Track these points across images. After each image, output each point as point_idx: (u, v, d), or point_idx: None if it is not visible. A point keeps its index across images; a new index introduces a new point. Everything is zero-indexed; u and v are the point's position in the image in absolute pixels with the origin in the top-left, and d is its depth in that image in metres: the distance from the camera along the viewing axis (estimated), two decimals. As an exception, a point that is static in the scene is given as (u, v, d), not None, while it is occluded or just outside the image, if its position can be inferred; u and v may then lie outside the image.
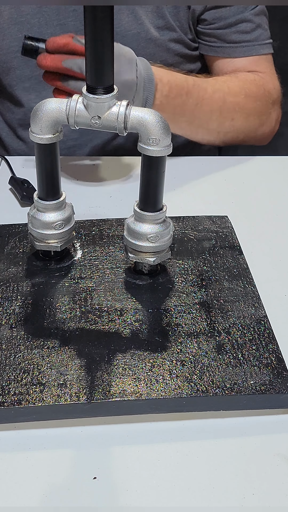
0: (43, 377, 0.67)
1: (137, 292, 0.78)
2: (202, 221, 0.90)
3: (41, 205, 0.77)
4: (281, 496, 0.60)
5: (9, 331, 0.72)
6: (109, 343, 0.71)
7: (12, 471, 0.61)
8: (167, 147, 0.71)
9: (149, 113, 0.69)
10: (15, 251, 0.83)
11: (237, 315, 0.75)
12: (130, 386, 0.66)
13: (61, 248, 0.80)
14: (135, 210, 0.76)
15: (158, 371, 0.68)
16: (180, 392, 0.66)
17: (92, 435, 0.65)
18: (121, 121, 0.69)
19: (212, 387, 0.67)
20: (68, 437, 0.65)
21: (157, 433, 0.65)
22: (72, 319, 0.74)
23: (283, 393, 0.66)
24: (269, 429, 0.66)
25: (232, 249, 0.85)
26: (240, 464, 0.63)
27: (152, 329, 0.73)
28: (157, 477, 0.61)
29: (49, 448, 0.64)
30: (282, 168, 1.08)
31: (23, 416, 0.65)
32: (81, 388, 0.66)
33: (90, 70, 0.67)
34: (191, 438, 0.65)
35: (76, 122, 0.70)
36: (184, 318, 0.74)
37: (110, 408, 0.66)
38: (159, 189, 0.74)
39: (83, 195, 0.97)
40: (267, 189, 1.02)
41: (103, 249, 0.84)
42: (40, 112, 0.71)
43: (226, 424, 0.66)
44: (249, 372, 0.68)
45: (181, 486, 0.60)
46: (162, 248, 0.77)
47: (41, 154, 0.74)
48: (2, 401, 0.64)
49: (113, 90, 0.68)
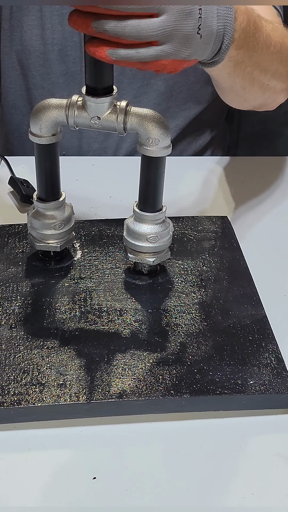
0: (42, 377, 0.67)
1: (137, 292, 0.78)
2: (202, 221, 0.90)
3: (41, 206, 0.77)
4: (281, 496, 0.60)
5: (9, 331, 0.72)
6: (109, 343, 0.71)
7: (12, 471, 0.61)
8: (167, 147, 0.71)
9: (149, 113, 0.69)
10: (14, 251, 0.83)
11: (236, 315, 0.75)
12: (130, 386, 0.66)
13: (61, 248, 0.80)
14: (135, 210, 0.76)
15: (158, 371, 0.68)
16: (180, 392, 0.66)
17: (92, 435, 0.65)
18: (120, 121, 0.69)
19: (211, 387, 0.67)
20: (68, 437, 0.65)
21: (157, 433, 0.65)
22: (72, 319, 0.74)
23: (282, 393, 0.66)
24: (269, 429, 0.66)
25: (231, 250, 0.85)
26: (240, 464, 0.63)
27: (151, 329, 0.73)
28: (157, 477, 0.61)
29: (49, 448, 0.64)
30: (282, 168, 1.08)
31: (23, 416, 0.65)
32: (80, 388, 0.66)
33: (90, 71, 0.67)
34: (191, 438, 0.65)
35: (75, 123, 0.70)
36: (184, 318, 0.74)
37: (109, 408, 0.66)
38: (158, 190, 0.74)
39: (83, 195, 0.97)
40: (267, 189, 1.02)
41: (103, 249, 0.84)
42: (39, 112, 0.71)
43: (226, 424, 0.66)
44: (249, 372, 0.68)
45: (181, 486, 0.60)
46: (161, 249, 0.77)
47: (41, 154, 0.74)
48: (1, 401, 0.64)
49: (112, 91, 0.68)
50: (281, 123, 1.16)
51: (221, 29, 0.64)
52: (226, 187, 1.02)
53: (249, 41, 0.71)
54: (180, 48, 0.61)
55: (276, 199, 1.00)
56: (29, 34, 1.04)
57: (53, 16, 1.02)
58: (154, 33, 0.59)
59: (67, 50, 1.04)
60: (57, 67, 1.05)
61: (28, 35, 1.04)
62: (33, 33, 1.04)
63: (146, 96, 1.07)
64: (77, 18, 0.59)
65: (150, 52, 0.60)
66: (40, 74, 1.07)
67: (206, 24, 0.62)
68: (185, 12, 0.59)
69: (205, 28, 0.62)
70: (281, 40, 0.80)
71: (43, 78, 1.07)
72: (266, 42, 0.76)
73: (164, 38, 0.60)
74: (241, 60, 0.72)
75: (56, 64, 1.05)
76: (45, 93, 1.07)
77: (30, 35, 1.04)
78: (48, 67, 1.05)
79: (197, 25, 0.61)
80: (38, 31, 1.03)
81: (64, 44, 1.03)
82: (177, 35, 0.60)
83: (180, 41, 0.60)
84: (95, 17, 0.58)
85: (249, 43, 0.71)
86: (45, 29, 1.03)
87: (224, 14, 0.64)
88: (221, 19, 0.64)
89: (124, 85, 1.05)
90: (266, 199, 1.00)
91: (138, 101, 1.06)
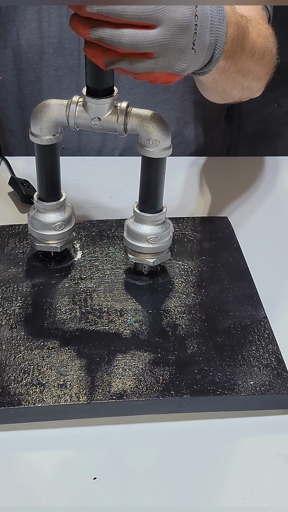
0: (43, 378, 0.67)
1: (137, 293, 0.78)
2: (202, 222, 0.90)
3: (42, 206, 0.77)
4: (281, 496, 0.60)
5: (9, 331, 0.72)
6: (109, 344, 0.71)
7: (12, 471, 0.62)
8: (167, 148, 0.71)
9: (149, 114, 0.69)
10: (15, 251, 0.83)
11: (236, 316, 0.75)
12: (130, 386, 0.66)
13: (61, 249, 0.80)
14: (135, 211, 0.76)
15: (158, 371, 0.68)
16: (180, 393, 0.66)
17: (92, 435, 0.65)
18: (121, 122, 0.69)
19: (212, 387, 0.67)
20: (68, 437, 0.65)
21: (157, 433, 0.66)
22: (72, 320, 0.74)
23: (282, 393, 0.67)
24: (269, 429, 0.66)
25: (232, 250, 0.85)
26: (240, 464, 0.63)
27: (152, 329, 0.73)
28: (157, 477, 0.61)
29: (49, 448, 0.64)
30: (282, 168, 1.08)
31: (23, 417, 0.65)
32: (81, 389, 0.66)
33: (90, 72, 0.67)
34: (191, 438, 0.65)
35: (76, 124, 0.70)
36: (184, 319, 0.74)
37: (110, 409, 0.66)
38: (159, 191, 0.74)
39: (83, 196, 0.97)
40: (267, 189, 1.02)
41: (103, 250, 0.84)
42: (40, 113, 0.71)
43: (226, 424, 0.67)
44: (249, 373, 0.68)
45: (181, 486, 0.61)
46: (162, 249, 0.77)
47: (41, 155, 0.75)
48: (2, 401, 0.64)
49: (113, 92, 0.68)
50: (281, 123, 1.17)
51: (213, 43, 0.65)
52: (226, 187, 1.02)
53: (236, 51, 0.72)
54: (174, 62, 0.62)
55: (276, 199, 1.00)
56: (27, 28, 1.03)
57: (51, 9, 1.02)
58: (150, 45, 0.59)
59: (65, 43, 1.04)
60: (54, 60, 1.05)
61: (26, 29, 1.04)
62: (30, 27, 1.03)
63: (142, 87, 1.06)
64: (77, 22, 0.60)
65: (143, 65, 0.61)
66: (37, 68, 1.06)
67: (200, 39, 0.62)
68: (182, 27, 0.60)
69: (199, 43, 0.62)
70: (264, 44, 0.81)
71: (42, 72, 1.06)
72: (252, 50, 0.77)
73: (159, 50, 0.60)
74: (227, 68, 0.73)
75: (53, 57, 1.05)
76: (44, 86, 1.07)
77: (28, 29, 1.04)
78: (46, 60, 1.05)
79: (192, 40, 0.61)
80: (35, 25, 1.03)
81: (62, 37, 1.03)
82: (172, 49, 0.60)
83: (174, 54, 0.61)
84: (93, 24, 0.59)
85: (236, 53, 0.72)
86: (43, 22, 1.03)
87: (217, 29, 0.65)
88: (214, 33, 0.64)
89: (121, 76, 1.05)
90: (266, 199, 1.00)
91: (135, 92, 1.06)
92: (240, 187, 1.02)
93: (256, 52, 0.79)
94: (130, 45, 0.59)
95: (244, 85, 0.83)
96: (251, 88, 0.85)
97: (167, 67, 0.62)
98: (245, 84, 0.83)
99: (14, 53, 1.06)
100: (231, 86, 0.80)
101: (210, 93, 0.87)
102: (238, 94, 0.85)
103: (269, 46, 0.84)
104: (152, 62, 0.61)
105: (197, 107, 1.12)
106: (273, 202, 0.99)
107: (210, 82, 0.77)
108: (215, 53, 0.66)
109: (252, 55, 0.78)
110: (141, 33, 0.58)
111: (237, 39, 0.71)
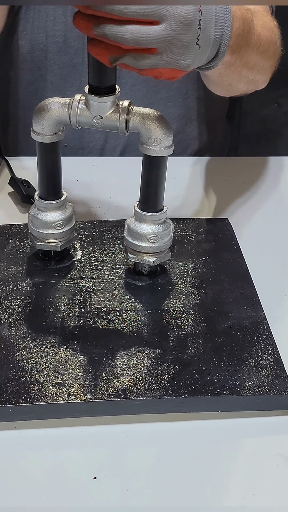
0: (41, 376, 0.67)
1: (137, 293, 0.78)
2: (203, 223, 0.90)
3: (42, 205, 0.77)
4: (281, 496, 0.60)
5: (8, 330, 0.72)
6: (108, 343, 0.71)
7: (12, 471, 0.61)
8: (168, 147, 0.71)
9: (151, 113, 0.69)
10: (15, 251, 0.83)
11: (236, 317, 0.75)
12: (128, 386, 0.66)
13: (61, 248, 0.80)
14: (136, 210, 0.76)
15: (157, 371, 0.68)
16: (178, 393, 0.66)
17: (92, 435, 0.65)
18: (122, 121, 0.69)
19: (210, 388, 0.67)
20: (68, 437, 0.65)
21: (157, 433, 0.65)
22: (71, 319, 0.74)
23: (281, 394, 0.67)
24: (269, 429, 0.66)
25: (232, 252, 0.85)
26: (240, 464, 0.63)
27: (151, 329, 0.73)
28: (157, 477, 0.61)
29: (49, 448, 0.64)
30: (282, 168, 1.08)
31: (21, 415, 0.65)
32: (79, 388, 0.66)
33: (93, 70, 0.67)
34: (191, 438, 0.65)
35: (78, 122, 0.70)
36: (183, 319, 0.74)
37: (108, 408, 0.66)
38: (159, 190, 0.74)
39: (83, 195, 0.97)
40: (267, 189, 1.02)
41: (103, 250, 0.84)
42: (42, 111, 0.71)
43: (226, 424, 0.66)
44: (248, 374, 0.68)
45: (181, 486, 0.60)
46: (162, 249, 0.77)
47: (43, 153, 0.74)
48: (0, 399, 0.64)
49: (115, 90, 0.68)
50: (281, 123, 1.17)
51: (218, 38, 0.65)
52: (226, 188, 1.02)
53: (241, 46, 0.72)
54: (178, 57, 0.62)
55: (276, 199, 1.00)
56: (32, 27, 1.04)
57: (56, 8, 1.02)
58: (153, 41, 0.59)
59: (70, 41, 1.04)
60: (59, 59, 1.05)
61: (32, 28, 1.04)
62: (34, 26, 1.03)
63: (145, 84, 1.06)
64: (80, 20, 0.60)
65: (147, 61, 0.61)
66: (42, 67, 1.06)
67: (205, 34, 0.62)
68: (185, 23, 0.60)
69: (204, 39, 0.62)
70: (269, 37, 0.82)
71: (47, 70, 1.06)
72: (257, 43, 0.78)
73: (163, 46, 0.60)
74: (232, 62, 0.73)
75: (58, 56, 1.05)
76: (48, 85, 1.06)
77: (33, 28, 1.04)
78: (51, 58, 1.05)
79: (196, 36, 0.61)
80: (40, 24, 1.03)
81: (67, 35, 1.03)
82: (176, 44, 0.60)
83: (178, 50, 0.61)
84: (97, 21, 0.59)
85: (241, 47, 0.72)
86: (48, 21, 1.03)
87: (222, 24, 0.64)
88: (219, 28, 0.64)
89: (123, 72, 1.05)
90: (266, 199, 1.00)
91: (137, 89, 1.06)
92: (240, 187, 1.02)
93: (261, 45, 0.79)
94: (134, 40, 0.59)
95: (249, 78, 0.83)
96: (257, 81, 0.86)
97: (172, 63, 0.62)
98: (251, 77, 0.83)
99: (19, 52, 1.06)
100: (236, 79, 0.80)
101: (216, 87, 0.88)
102: (244, 87, 0.86)
103: (274, 38, 0.84)
104: (156, 58, 0.61)
105: (200, 104, 1.12)
106: (273, 202, 0.99)
107: (216, 76, 0.78)
108: (220, 48, 0.66)
109: (258, 49, 0.78)
110: (145, 28, 0.59)
111: (242, 33, 0.71)
